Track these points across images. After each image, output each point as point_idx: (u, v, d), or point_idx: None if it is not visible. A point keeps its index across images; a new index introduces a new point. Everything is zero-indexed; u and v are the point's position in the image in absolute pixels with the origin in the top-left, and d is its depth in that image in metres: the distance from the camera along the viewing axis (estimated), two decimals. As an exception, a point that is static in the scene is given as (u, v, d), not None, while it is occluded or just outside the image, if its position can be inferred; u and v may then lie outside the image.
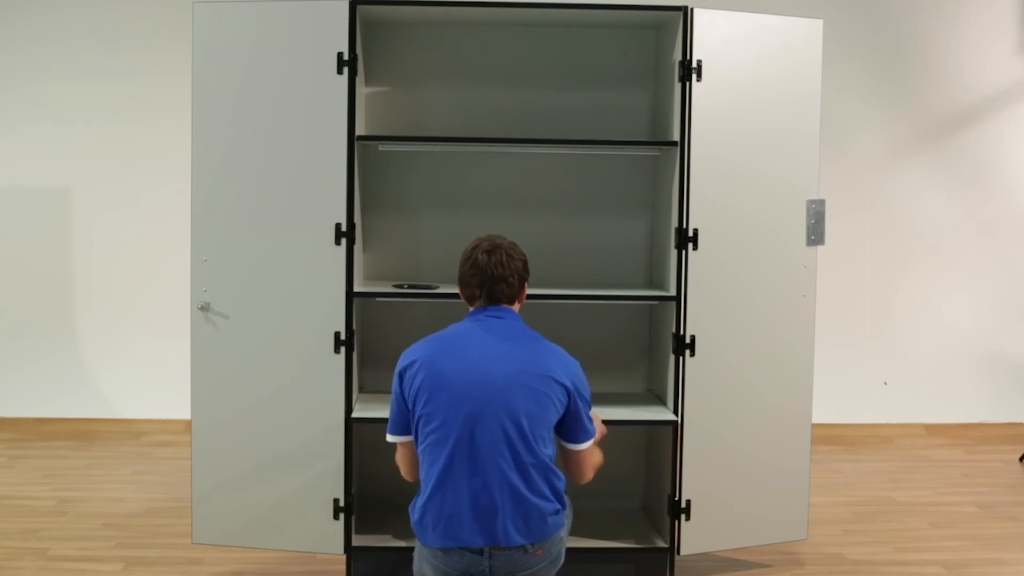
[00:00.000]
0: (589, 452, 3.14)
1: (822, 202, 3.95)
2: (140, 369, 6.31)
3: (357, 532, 3.97)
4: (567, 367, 3.07)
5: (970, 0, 6.39)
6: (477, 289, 3.15)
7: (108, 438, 6.12)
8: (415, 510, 3.02)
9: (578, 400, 3.06)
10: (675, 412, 3.89)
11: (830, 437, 6.17)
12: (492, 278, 3.13)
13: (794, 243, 3.95)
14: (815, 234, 3.95)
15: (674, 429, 3.89)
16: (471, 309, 3.19)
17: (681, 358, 3.87)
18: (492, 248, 3.16)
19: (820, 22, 3.94)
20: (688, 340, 3.86)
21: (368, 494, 4.23)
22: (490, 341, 3.05)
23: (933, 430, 6.40)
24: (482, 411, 2.93)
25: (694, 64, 3.79)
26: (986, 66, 6.41)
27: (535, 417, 2.96)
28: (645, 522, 4.23)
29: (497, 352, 3.02)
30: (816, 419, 4.10)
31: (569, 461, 3.14)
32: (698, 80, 3.80)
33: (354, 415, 3.85)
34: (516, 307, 3.20)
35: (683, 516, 3.90)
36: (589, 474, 3.18)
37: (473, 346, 3.04)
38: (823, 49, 3.93)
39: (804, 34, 3.91)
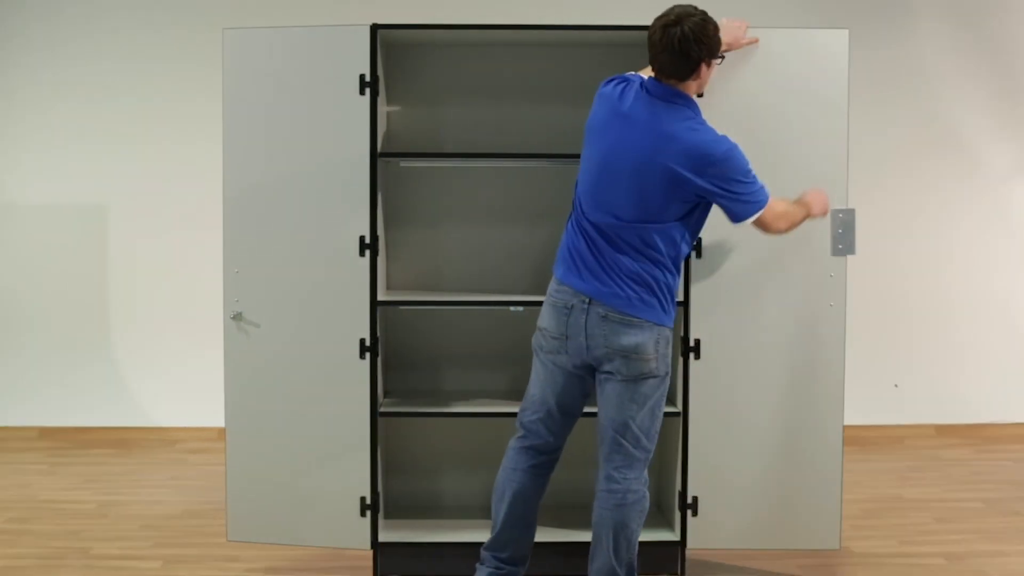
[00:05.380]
0: (762, 218, 3.30)
1: (851, 211, 3.84)
2: (175, 379, 6.42)
3: (384, 529, 4.11)
4: (690, 155, 3.17)
5: None
6: (654, 61, 3.27)
7: (145, 445, 6.26)
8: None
9: (713, 188, 3.18)
10: (680, 411, 3.96)
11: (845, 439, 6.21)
12: (667, 50, 3.19)
13: (819, 250, 3.89)
14: (843, 243, 3.85)
15: (679, 426, 3.99)
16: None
17: (686, 361, 3.95)
18: (671, 22, 3.16)
19: (846, 32, 3.87)
20: (692, 343, 3.92)
21: (396, 492, 4.38)
22: (637, 122, 3.24)
23: (944, 431, 6.46)
24: (609, 198, 3.28)
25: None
26: None
27: (652, 211, 3.23)
28: (657, 515, 4.28)
29: (633, 136, 3.24)
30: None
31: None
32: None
33: (381, 409, 4.01)
34: (692, 86, 3.28)
35: (689, 511, 3.97)
36: (775, 229, 3.39)
37: (634, 122, 3.25)
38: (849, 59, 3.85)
39: (829, 44, 3.85)
